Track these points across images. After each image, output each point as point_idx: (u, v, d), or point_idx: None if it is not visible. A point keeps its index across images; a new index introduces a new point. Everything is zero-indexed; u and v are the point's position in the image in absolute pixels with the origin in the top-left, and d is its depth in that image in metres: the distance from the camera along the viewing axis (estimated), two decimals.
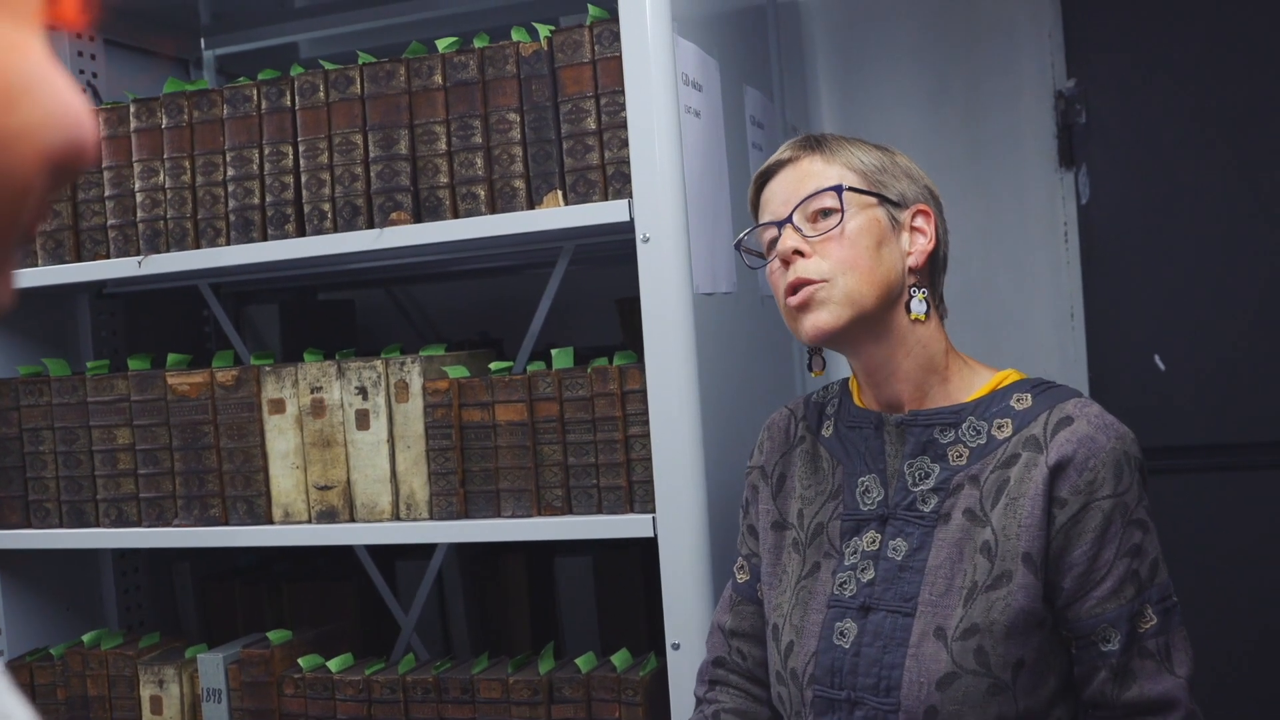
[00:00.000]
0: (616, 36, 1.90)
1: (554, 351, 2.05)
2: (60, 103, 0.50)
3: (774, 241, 1.56)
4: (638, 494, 1.95)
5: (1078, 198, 2.68)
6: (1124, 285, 2.66)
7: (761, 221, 1.59)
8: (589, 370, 1.98)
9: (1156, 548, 1.45)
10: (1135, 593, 1.42)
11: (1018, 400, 1.50)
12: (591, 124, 1.94)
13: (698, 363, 1.88)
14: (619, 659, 2.04)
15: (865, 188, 1.53)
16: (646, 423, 1.91)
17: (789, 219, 1.53)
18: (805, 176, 1.54)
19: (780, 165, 1.57)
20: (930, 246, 1.54)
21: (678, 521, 1.85)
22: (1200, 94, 2.61)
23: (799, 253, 1.50)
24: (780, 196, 1.55)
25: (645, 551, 2.35)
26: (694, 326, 1.88)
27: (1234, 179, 2.60)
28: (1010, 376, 1.55)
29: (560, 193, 1.96)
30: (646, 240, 1.87)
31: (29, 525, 2.30)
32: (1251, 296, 2.59)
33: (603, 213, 1.91)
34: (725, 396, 1.98)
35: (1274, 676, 2.59)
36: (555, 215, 1.95)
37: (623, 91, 1.89)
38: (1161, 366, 2.63)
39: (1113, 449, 1.43)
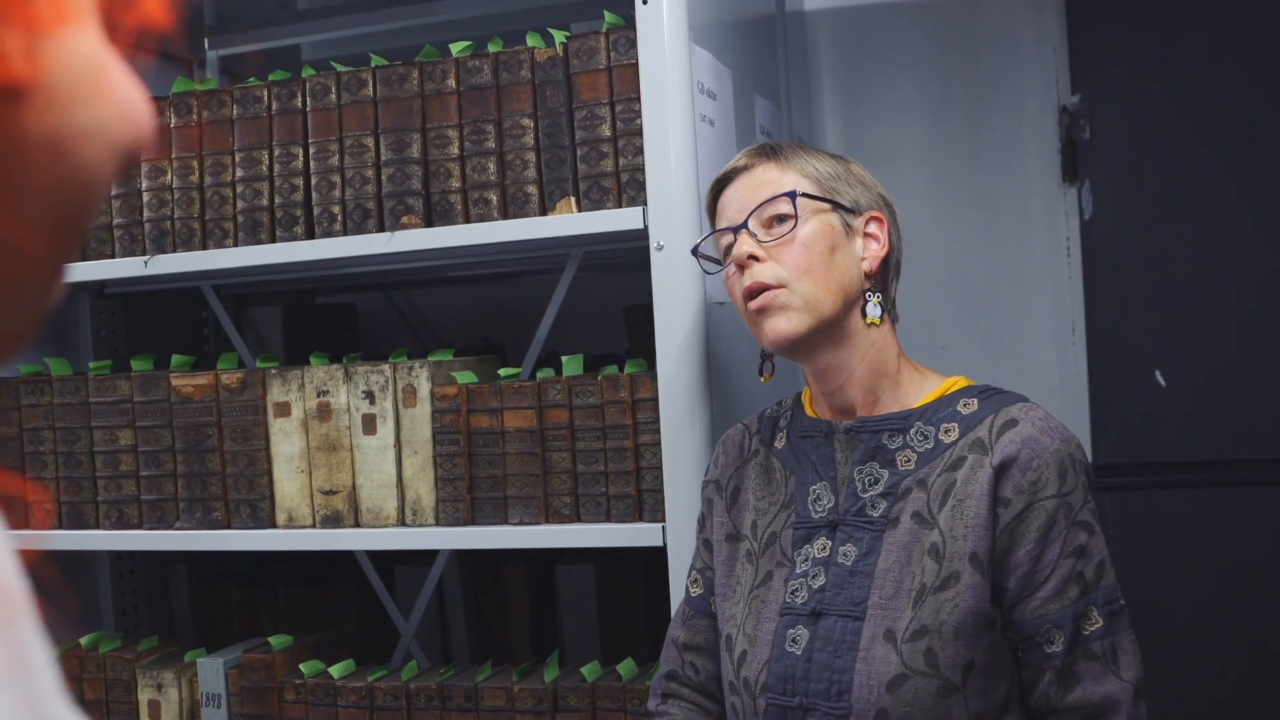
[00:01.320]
0: (632, 44, 1.90)
1: (564, 359, 2.04)
2: (127, 96, 0.52)
3: (730, 247, 1.59)
4: (647, 503, 1.95)
5: (1080, 213, 2.69)
6: (1126, 301, 2.66)
7: (718, 228, 1.62)
8: (599, 378, 1.97)
9: (1103, 550, 1.47)
10: (1079, 594, 1.44)
11: (964, 405, 1.53)
12: (606, 131, 1.94)
13: (709, 371, 1.88)
14: (624, 668, 2.03)
15: (818, 194, 1.56)
16: (657, 431, 1.90)
17: (744, 225, 1.56)
18: (760, 184, 1.57)
19: (736, 173, 1.60)
20: (884, 252, 1.58)
21: (687, 531, 1.84)
22: (1204, 110, 2.62)
23: (754, 258, 1.54)
24: (736, 203, 1.58)
25: (648, 561, 2.34)
26: (706, 335, 1.88)
27: (1237, 195, 2.61)
28: (958, 383, 1.58)
29: (574, 199, 1.95)
30: (660, 248, 1.86)
31: (27, 526, 2.28)
32: (1253, 312, 2.60)
33: (616, 220, 1.91)
34: (736, 406, 1.98)
35: (1269, 690, 2.59)
36: (568, 222, 1.94)
37: (638, 98, 1.89)
38: (1162, 382, 2.64)
39: (1057, 450, 1.45)
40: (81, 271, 2.23)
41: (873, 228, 1.58)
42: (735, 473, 1.68)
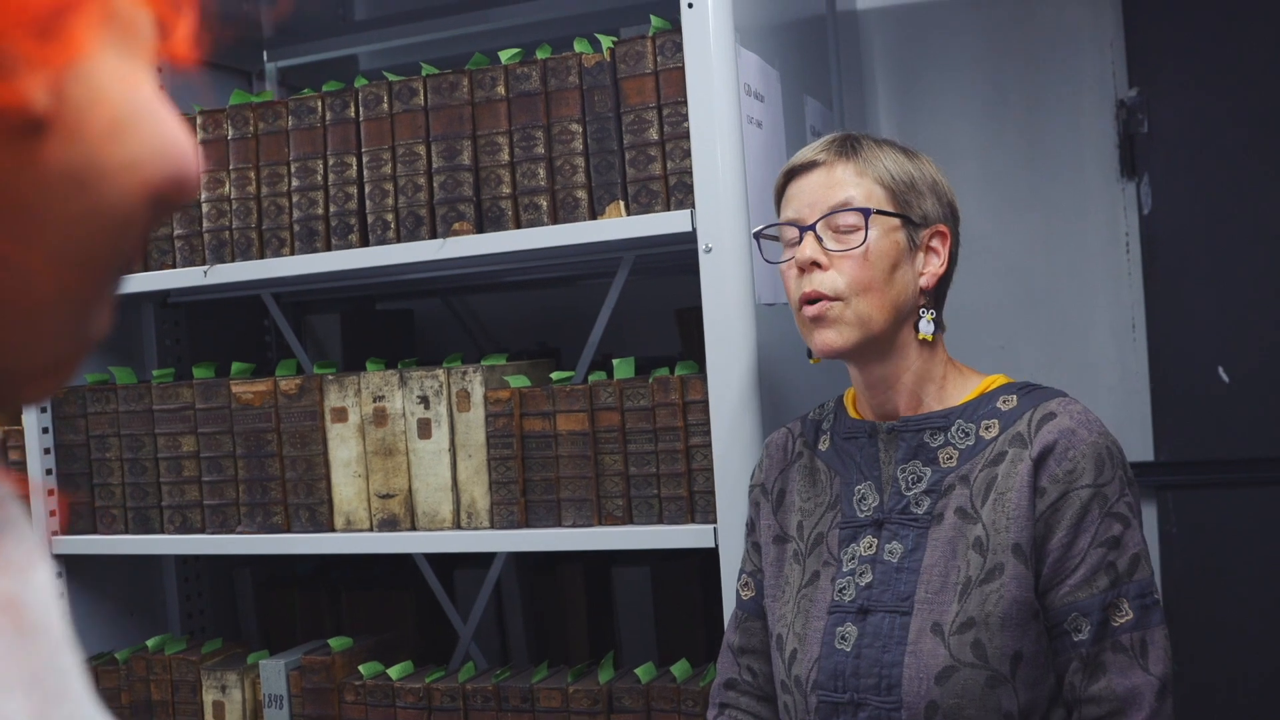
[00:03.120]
0: (679, 47, 1.91)
1: (615, 362, 2.05)
2: (165, 136, 0.51)
3: (793, 241, 1.59)
4: (699, 504, 1.95)
5: (1139, 208, 2.66)
6: (1187, 296, 2.63)
7: (785, 217, 1.61)
8: (650, 380, 1.98)
9: (1139, 544, 1.48)
10: (1109, 584, 1.44)
11: (1004, 402, 1.55)
12: (654, 134, 1.95)
13: (759, 373, 1.88)
14: (679, 669, 2.04)
15: (892, 209, 1.55)
16: (708, 433, 1.91)
17: (812, 227, 1.55)
18: (835, 184, 1.56)
19: (812, 166, 1.59)
20: (942, 269, 1.59)
21: (739, 532, 1.85)
22: (1265, 101, 2.57)
23: (816, 264, 1.54)
24: (807, 198, 1.58)
25: (704, 561, 2.35)
26: (755, 337, 1.88)
27: None
28: (998, 380, 1.60)
29: (622, 203, 1.97)
30: (709, 250, 1.87)
31: (95, 531, 2.33)
32: None
33: (665, 223, 1.91)
34: (786, 407, 1.98)
35: None
36: (617, 226, 1.95)
37: (685, 102, 1.90)
38: (1225, 379, 2.60)
39: (1094, 442, 1.47)
40: (144, 282, 2.27)
41: (935, 243, 1.58)
42: (780, 475, 1.69)
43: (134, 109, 0.50)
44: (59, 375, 0.53)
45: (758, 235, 1.70)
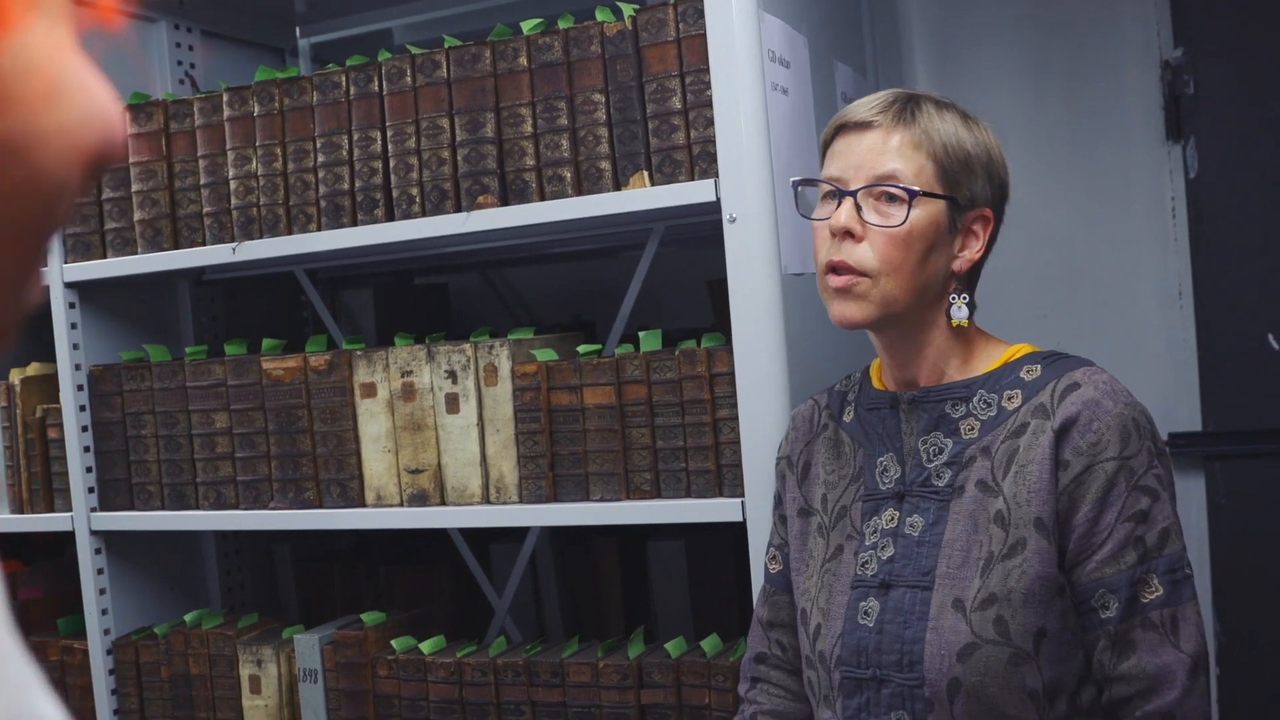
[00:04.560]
0: (701, 14, 1.88)
1: (642, 334, 2.03)
2: (95, 100, 0.51)
3: (830, 197, 1.53)
4: (726, 477, 1.93)
5: (1185, 171, 2.59)
6: (1235, 262, 2.56)
7: (827, 174, 1.54)
8: (676, 353, 1.96)
9: (1169, 517, 1.42)
10: (1138, 559, 1.40)
11: (1027, 371, 1.51)
12: (677, 103, 1.92)
13: (786, 344, 1.85)
14: (709, 644, 2.02)
15: (940, 189, 1.49)
16: (735, 405, 1.89)
17: (854, 192, 1.50)
18: (886, 152, 1.49)
19: (867, 126, 1.51)
20: (978, 255, 1.54)
21: (767, 505, 1.82)
22: None
23: (850, 234, 1.49)
24: (854, 159, 1.51)
25: (737, 535, 2.33)
26: (782, 307, 1.85)
27: None
28: (1022, 350, 1.55)
29: (646, 173, 1.94)
30: (733, 220, 1.84)
31: (133, 508, 2.35)
32: None
33: (689, 193, 1.89)
34: (813, 378, 1.95)
35: None
36: (641, 196, 1.93)
37: (708, 70, 1.87)
38: (1276, 346, 2.53)
39: (1120, 414, 1.42)
40: (175, 259, 2.28)
41: (977, 226, 1.53)
42: (805, 448, 1.67)
43: (64, 75, 0.50)
44: None
45: (797, 184, 1.63)
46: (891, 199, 1.48)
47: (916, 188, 1.48)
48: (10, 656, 0.50)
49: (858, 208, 1.49)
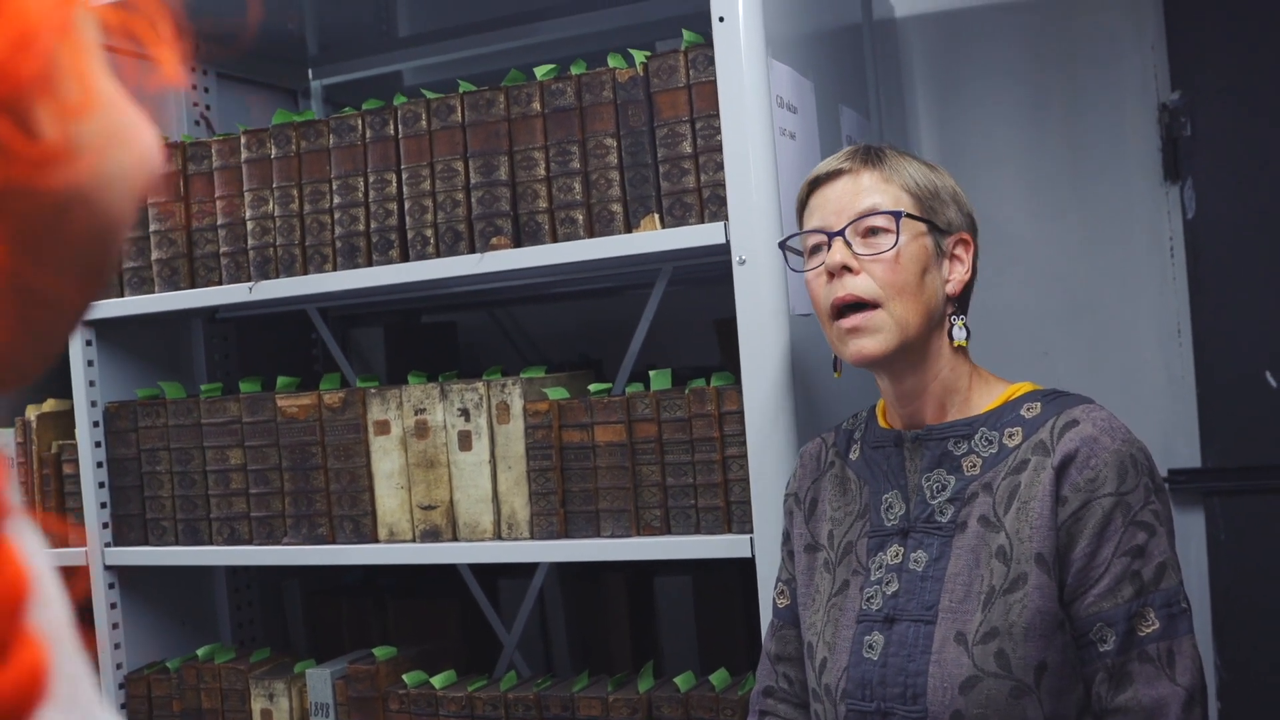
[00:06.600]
0: (711, 61, 1.92)
1: (652, 373, 2.07)
2: (145, 140, 0.54)
3: (818, 248, 1.59)
4: (735, 514, 1.97)
5: (1183, 212, 2.64)
6: (1232, 301, 2.60)
7: (809, 227, 1.61)
8: (686, 391, 2.00)
9: (1165, 552, 1.46)
10: (1135, 594, 1.43)
11: (1027, 409, 1.55)
12: (687, 148, 1.96)
13: (794, 384, 1.89)
14: (717, 678, 2.05)
15: (920, 214, 1.56)
16: (743, 443, 1.92)
17: (841, 232, 1.55)
18: (861, 191, 1.56)
19: (836, 175, 1.59)
20: (967, 276, 1.60)
21: (775, 541, 1.85)
22: None
23: (847, 268, 1.54)
24: (833, 206, 1.58)
25: (744, 571, 2.36)
26: (790, 348, 1.89)
27: None
28: (1023, 388, 1.60)
29: (657, 216, 1.98)
30: (743, 262, 1.88)
31: (147, 543, 2.38)
32: None
33: (699, 235, 1.93)
34: (821, 417, 1.99)
35: None
36: (652, 238, 1.97)
37: (717, 115, 1.91)
38: (1273, 383, 2.57)
39: (1117, 450, 1.46)
40: (191, 298, 2.32)
41: (959, 250, 1.59)
42: (813, 485, 1.71)
43: (123, 120, 0.53)
44: (28, 376, 0.55)
45: (783, 245, 1.71)
46: (876, 232, 1.54)
47: (900, 209, 1.54)
48: (80, 679, 0.53)
49: (848, 245, 1.55)
